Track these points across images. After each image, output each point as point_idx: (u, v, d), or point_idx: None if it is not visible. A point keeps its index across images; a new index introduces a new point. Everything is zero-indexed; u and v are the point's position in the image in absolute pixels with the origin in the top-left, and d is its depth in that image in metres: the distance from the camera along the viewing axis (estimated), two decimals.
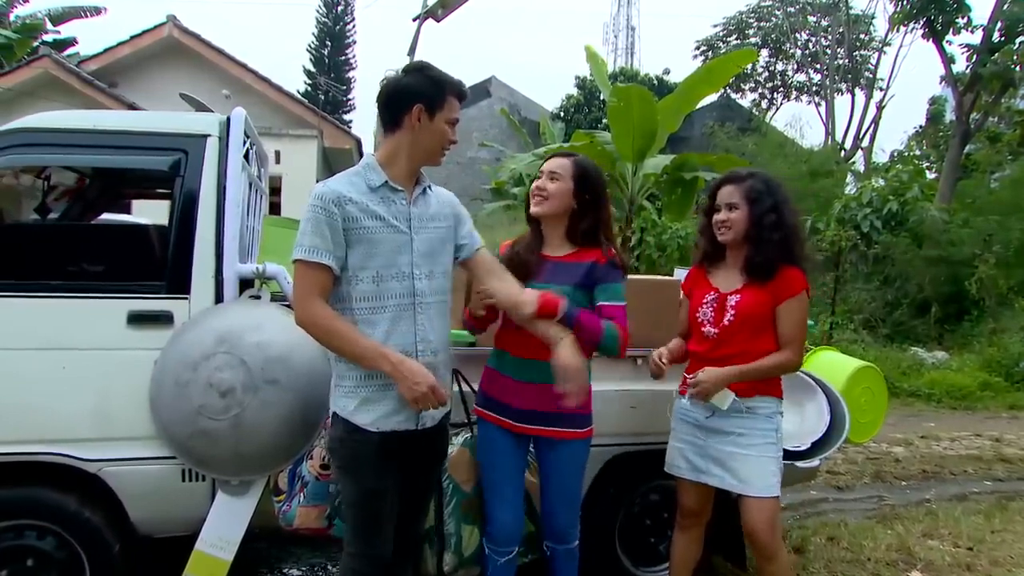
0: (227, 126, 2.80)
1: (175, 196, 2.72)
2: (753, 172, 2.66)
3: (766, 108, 24.32)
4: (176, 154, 2.73)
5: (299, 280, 2.10)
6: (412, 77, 2.15)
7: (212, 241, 2.68)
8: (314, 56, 30.62)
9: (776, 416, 2.56)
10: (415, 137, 2.15)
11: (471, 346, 2.95)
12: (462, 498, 2.50)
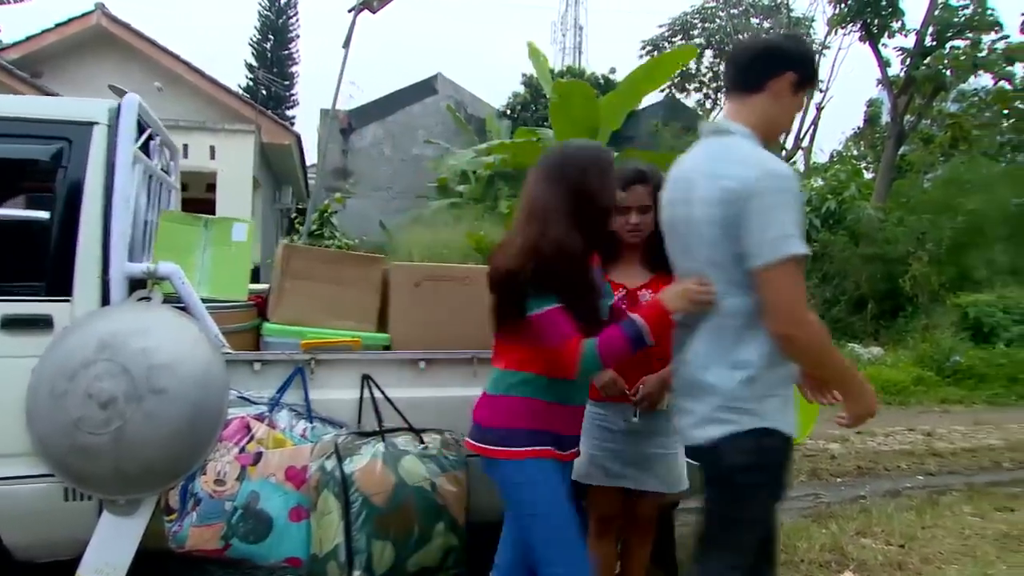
0: (117, 113, 2.58)
1: (57, 189, 2.48)
2: (651, 168, 2.49)
3: (710, 108, 24.58)
4: (58, 143, 2.50)
5: (793, 280, 1.74)
6: (791, 42, 1.94)
7: (98, 239, 2.46)
8: (256, 50, 29.83)
9: None
10: (774, 106, 1.90)
11: (385, 349, 2.78)
12: (374, 513, 2.33)
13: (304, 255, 2.77)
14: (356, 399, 2.59)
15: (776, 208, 1.73)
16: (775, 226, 1.73)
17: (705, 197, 1.84)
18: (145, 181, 2.91)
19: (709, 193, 1.82)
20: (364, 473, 2.35)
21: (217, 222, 2.82)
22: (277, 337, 2.68)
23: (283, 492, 2.38)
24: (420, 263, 2.87)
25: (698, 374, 1.91)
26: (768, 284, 1.75)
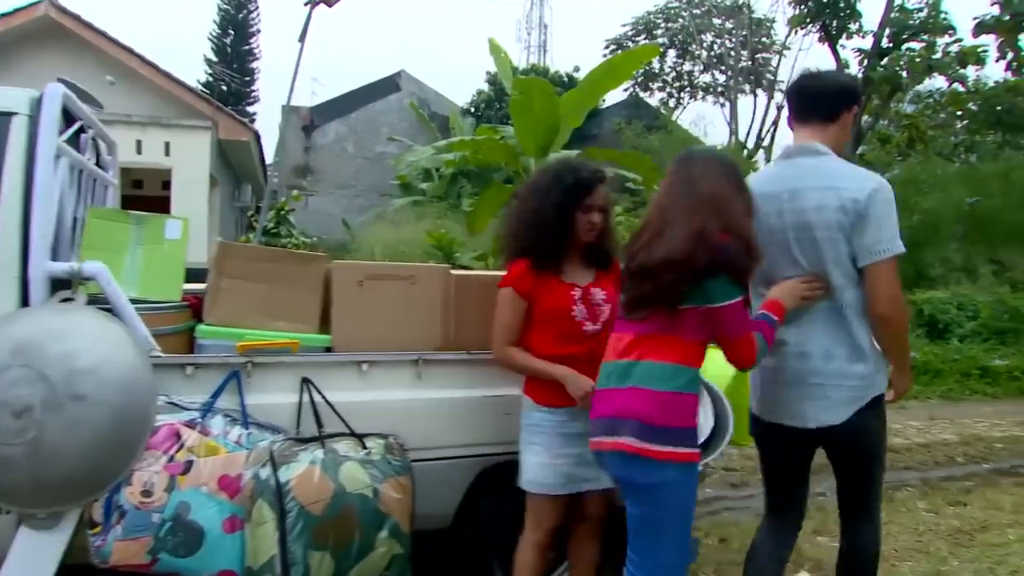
0: (39, 103, 2.44)
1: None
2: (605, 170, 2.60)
3: (673, 107, 24.79)
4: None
5: (897, 272, 2.14)
6: (855, 82, 2.32)
7: (17, 236, 2.32)
8: (216, 45, 29.25)
9: None
10: (841, 133, 2.29)
11: (327, 351, 2.68)
12: (311, 522, 2.23)
13: (240, 253, 2.65)
14: (295, 403, 2.48)
15: (888, 215, 2.13)
16: (887, 228, 2.12)
17: (824, 206, 2.14)
18: (74, 176, 2.77)
19: (829, 203, 2.13)
20: (301, 481, 2.24)
21: (150, 219, 2.69)
22: (211, 339, 2.56)
23: (216, 502, 2.26)
24: (362, 261, 2.75)
25: (827, 363, 2.21)
26: (880, 275, 2.12)
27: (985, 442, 6.62)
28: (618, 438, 2.00)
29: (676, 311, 1.98)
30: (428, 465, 2.66)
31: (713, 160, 2.16)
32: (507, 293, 2.45)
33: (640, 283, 2.01)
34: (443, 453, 2.72)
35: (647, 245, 2.01)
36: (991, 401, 8.62)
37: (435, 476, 2.69)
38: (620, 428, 2.01)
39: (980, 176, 13.81)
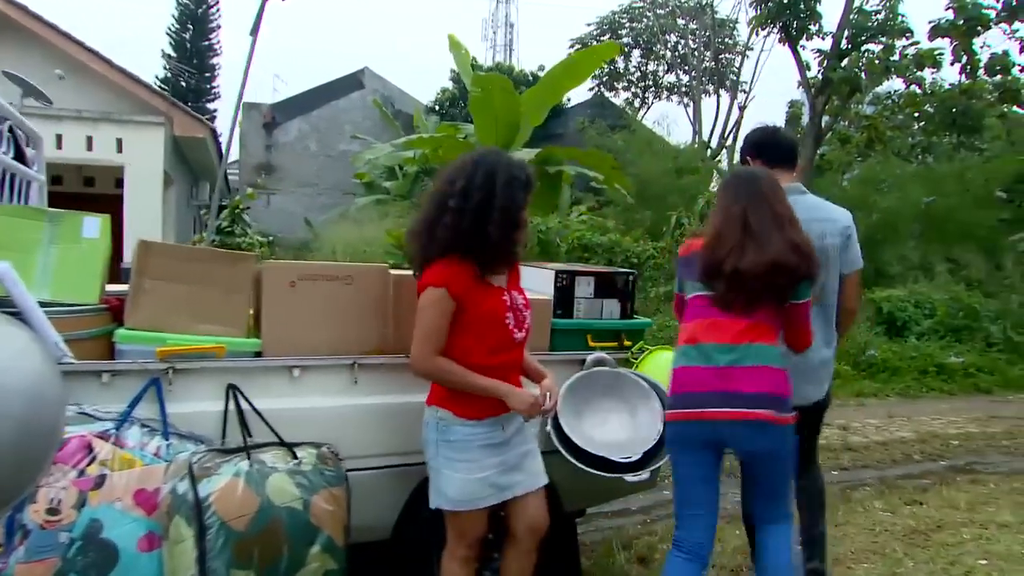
0: None
1: None
2: None
3: (638, 107, 24.88)
4: None
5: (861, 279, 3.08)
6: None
7: None
8: (174, 40, 28.58)
9: None
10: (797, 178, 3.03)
11: (257, 355, 2.54)
12: (233, 538, 2.09)
13: (163, 252, 2.49)
14: (220, 412, 2.34)
15: (857, 238, 2.96)
16: (857, 248, 2.96)
17: (832, 233, 2.87)
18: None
19: (835, 230, 2.88)
20: (222, 495, 2.10)
21: (65, 217, 2.51)
22: (131, 344, 2.40)
23: (131, 519, 2.11)
24: (294, 261, 2.62)
25: (822, 352, 2.88)
26: (854, 281, 2.98)
27: (941, 439, 6.68)
28: (759, 410, 2.35)
29: (781, 305, 2.44)
30: (365, 475, 2.54)
31: (773, 181, 2.56)
32: (438, 294, 2.24)
33: (746, 283, 2.37)
34: (381, 462, 2.60)
35: (736, 252, 2.38)
36: (947, 398, 8.73)
37: (373, 486, 2.58)
38: (759, 402, 2.35)
39: (936, 176, 14.05)
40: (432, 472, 2.38)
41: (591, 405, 2.94)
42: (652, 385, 2.95)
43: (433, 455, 2.36)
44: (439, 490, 2.35)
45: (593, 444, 2.76)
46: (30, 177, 3.16)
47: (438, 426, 2.35)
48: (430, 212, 2.32)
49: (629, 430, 2.91)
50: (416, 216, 2.40)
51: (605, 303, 3.21)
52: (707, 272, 2.43)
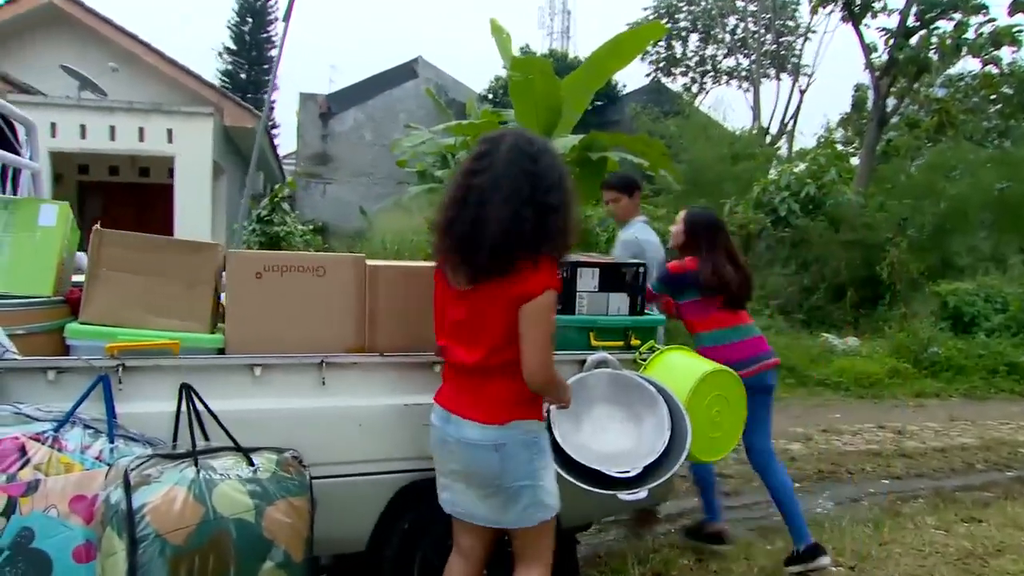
0: None
1: None
2: None
3: (696, 93, 24.13)
4: None
5: None
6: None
7: None
8: (234, 33, 29.15)
9: None
10: None
11: (220, 352, 2.36)
12: (169, 553, 1.91)
13: (120, 241, 2.33)
14: (173, 413, 2.17)
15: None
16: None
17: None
18: None
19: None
20: (160, 505, 1.92)
21: (21, 204, 2.39)
22: (81, 339, 2.25)
23: (66, 527, 1.96)
24: (261, 251, 2.44)
25: None
26: None
27: (1009, 447, 6.14)
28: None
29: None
30: (335, 483, 2.35)
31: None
32: (554, 297, 2.08)
33: (741, 292, 3.50)
34: (352, 469, 2.40)
35: (734, 274, 3.47)
36: (1018, 400, 8.08)
37: (344, 495, 2.38)
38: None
39: (1013, 161, 13.11)
40: (528, 490, 2.13)
41: (591, 411, 2.67)
42: (660, 391, 2.66)
43: (529, 471, 2.13)
44: (542, 503, 2.15)
45: (588, 455, 2.50)
46: (17, 164, 3.06)
47: (528, 440, 2.14)
48: (514, 204, 2.01)
49: (631, 441, 2.63)
50: (500, 206, 2.00)
51: (611, 297, 2.93)
52: (715, 286, 3.41)
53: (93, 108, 11.70)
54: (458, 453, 2.13)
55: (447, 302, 2.19)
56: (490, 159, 2.06)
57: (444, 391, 2.23)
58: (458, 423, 2.13)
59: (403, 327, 2.51)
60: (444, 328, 2.22)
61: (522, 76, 8.72)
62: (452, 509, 2.23)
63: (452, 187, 2.12)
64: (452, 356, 2.19)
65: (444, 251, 2.13)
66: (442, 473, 2.23)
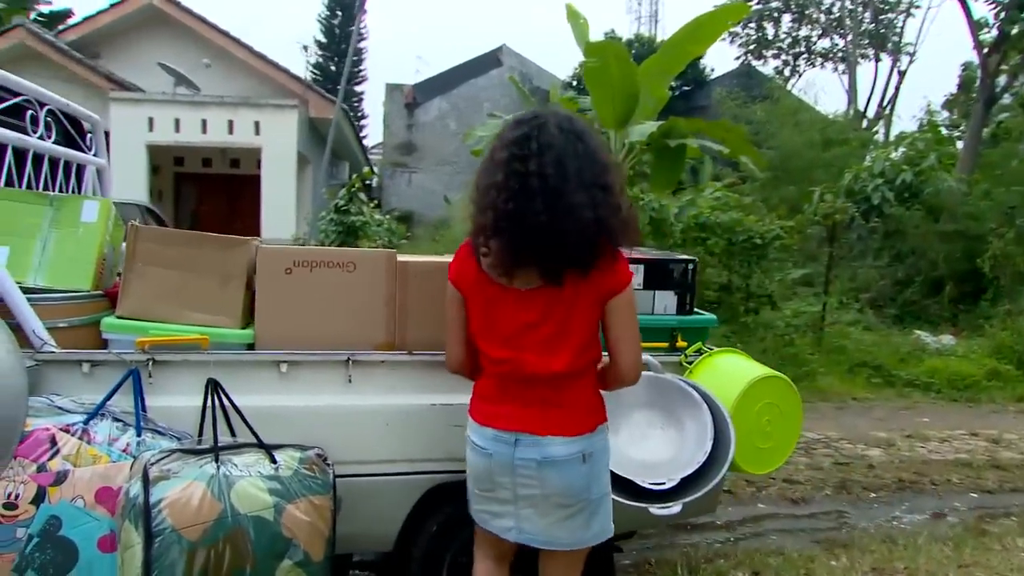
0: None
1: None
2: None
3: (788, 76, 23.04)
4: None
5: None
6: None
7: None
8: (324, 27, 29.92)
9: None
10: None
11: (250, 348, 2.37)
12: (185, 548, 1.93)
13: (154, 237, 2.37)
14: (199, 408, 2.19)
15: None
16: None
17: None
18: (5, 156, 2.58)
19: None
20: (177, 500, 1.94)
21: (66, 201, 2.47)
22: (116, 333, 2.31)
23: (92, 518, 2.01)
24: (291, 246, 2.42)
25: None
26: None
27: None
28: None
29: None
30: (361, 482, 2.33)
31: None
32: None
33: None
34: (378, 469, 2.36)
35: None
36: None
37: (370, 495, 2.36)
38: None
39: None
40: (607, 500, 2.03)
41: (630, 416, 2.54)
42: (704, 396, 2.51)
43: (608, 479, 2.04)
44: (610, 512, 2.05)
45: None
46: (79, 160, 3.17)
47: (607, 444, 2.04)
48: (589, 189, 1.83)
49: (673, 449, 2.49)
50: (576, 192, 1.81)
51: (657, 295, 2.80)
52: None
53: (186, 103, 12.25)
54: (537, 476, 1.91)
55: (500, 307, 1.91)
56: (538, 142, 1.83)
57: (499, 411, 1.96)
58: (535, 443, 1.90)
59: (433, 324, 2.44)
60: (500, 337, 1.92)
61: (597, 62, 8.53)
62: (519, 537, 1.98)
63: (499, 178, 1.83)
64: (518, 368, 1.91)
65: (508, 249, 1.83)
66: (498, 500, 1.98)
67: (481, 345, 1.97)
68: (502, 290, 1.90)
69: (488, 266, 1.88)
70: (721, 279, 8.22)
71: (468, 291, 1.95)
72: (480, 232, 1.87)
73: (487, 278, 1.90)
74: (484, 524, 2.05)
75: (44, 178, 2.88)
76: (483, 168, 1.90)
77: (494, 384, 1.99)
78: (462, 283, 1.96)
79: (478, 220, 1.87)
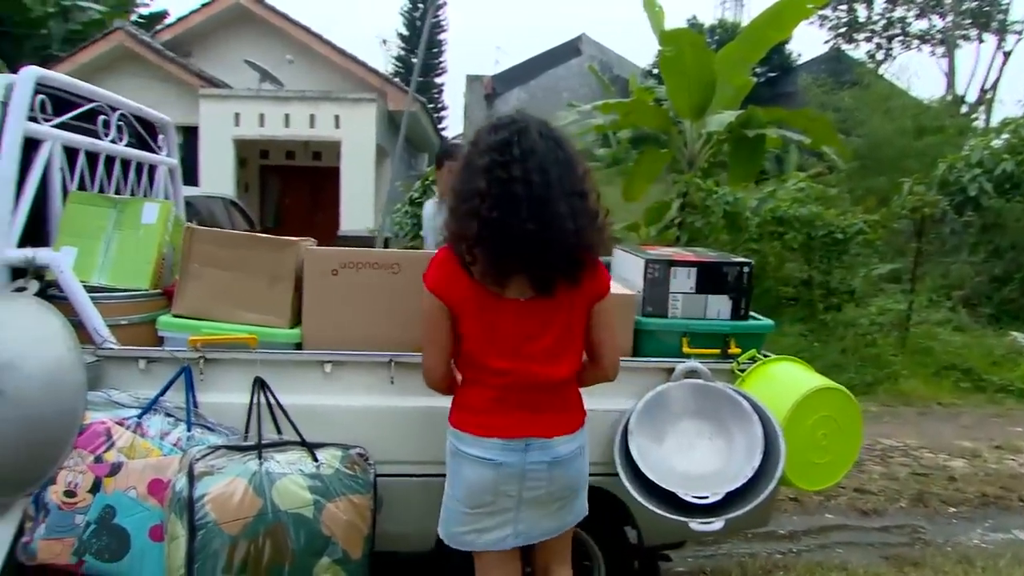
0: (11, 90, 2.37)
1: None
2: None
3: (881, 60, 21.89)
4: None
5: None
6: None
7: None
8: (406, 20, 30.40)
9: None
10: None
11: (297, 347, 2.43)
12: (225, 543, 2.00)
13: (208, 238, 2.45)
14: (246, 405, 2.26)
15: None
16: None
17: None
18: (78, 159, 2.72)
19: None
20: (220, 496, 2.01)
21: (129, 204, 2.58)
22: (171, 331, 2.41)
23: (144, 508, 2.11)
24: (338, 248, 2.47)
25: None
26: None
27: None
28: None
29: None
30: (401, 482, 2.36)
31: None
32: None
33: None
34: (418, 469, 2.38)
35: None
36: None
37: (410, 494, 2.38)
38: None
39: None
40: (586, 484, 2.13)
41: (676, 425, 2.48)
42: (755, 407, 2.41)
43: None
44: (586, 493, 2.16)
45: (668, 473, 2.33)
46: (150, 161, 3.31)
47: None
48: (571, 198, 1.84)
49: (720, 461, 2.41)
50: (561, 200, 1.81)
51: (710, 300, 2.69)
52: None
53: (270, 98, 12.66)
54: (547, 476, 1.94)
55: (499, 318, 1.87)
56: (520, 147, 1.79)
57: (502, 421, 1.92)
58: (544, 446, 1.93)
59: None
60: (501, 348, 1.89)
61: (672, 50, 8.34)
62: (515, 542, 2.00)
63: (481, 185, 1.79)
64: (523, 378, 1.90)
65: (494, 258, 1.81)
66: (495, 512, 1.95)
67: (479, 357, 1.91)
68: (498, 300, 1.86)
69: (479, 276, 1.84)
70: (802, 274, 7.91)
71: (459, 303, 1.88)
72: (462, 240, 1.83)
73: (482, 289, 1.85)
74: (470, 546, 2.00)
75: (116, 179, 3.03)
76: (461, 174, 1.87)
77: (491, 395, 1.94)
78: (451, 295, 1.88)
79: (459, 228, 1.84)
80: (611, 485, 2.42)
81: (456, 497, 1.98)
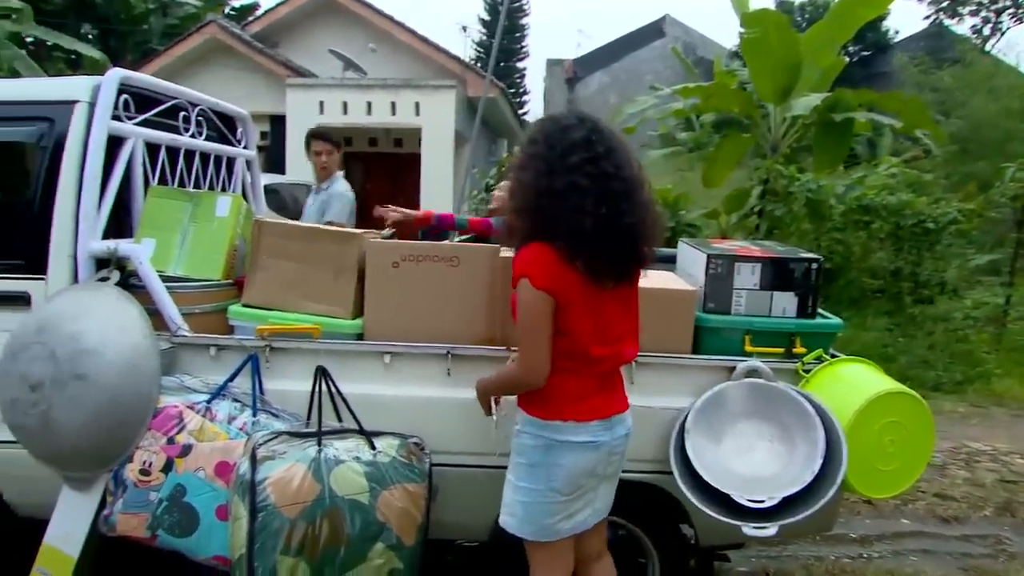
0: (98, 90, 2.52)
1: (38, 168, 2.51)
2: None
3: (988, 35, 20.49)
4: (41, 124, 2.53)
5: None
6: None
7: (71, 217, 2.45)
8: (488, 4, 30.46)
9: (522, 435, 2.04)
10: None
11: (358, 338, 2.50)
12: (283, 526, 2.09)
13: (275, 231, 2.55)
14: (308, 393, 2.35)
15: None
16: None
17: None
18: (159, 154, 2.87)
19: None
20: (280, 480, 2.10)
21: (204, 197, 2.71)
22: (241, 320, 2.52)
23: (211, 488, 2.23)
24: (400, 241, 2.53)
25: None
26: None
27: None
28: None
29: None
30: (456, 472, 2.40)
31: None
32: None
33: None
34: (473, 460, 2.41)
35: None
36: None
37: (465, 485, 2.42)
38: None
39: None
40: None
41: (735, 426, 2.42)
42: (818, 409, 2.34)
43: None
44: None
45: (724, 474, 2.29)
46: (228, 154, 3.46)
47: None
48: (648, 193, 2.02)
49: (778, 465, 2.35)
50: (646, 196, 1.97)
51: (775, 297, 2.61)
52: None
53: (353, 86, 12.93)
54: (622, 450, 2.09)
55: (607, 308, 1.96)
56: (603, 144, 1.89)
57: (598, 403, 2.00)
58: (621, 420, 2.07)
59: None
60: (606, 336, 1.97)
61: (756, 32, 8.09)
62: (586, 522, 2.06)
63: (581, 182, 1.85)
64: (617, 360, 2.04)
65: (608, 253, 1.89)
66: (581, 495, 2.01)
67: (583, 347, 1.94)
68: (601, 291, 1.94)
69: (587, 269, 1.89)
70: (889, 265, 7.54)
71: (572, 298, 1.89)
72: (573, 236, 1.87)
73: (589, 281, 1.91)
74: (559, 534, 2.03)
75: (196, 172, 3.18)
76: (540, 171, 1.89)
77: (589, 382, 2.00)
78: (564, 291, 1.88)
79: (564, 225, 1.87)
80: (667, 483, 2.40)
81: (552, 488, 1.98)
